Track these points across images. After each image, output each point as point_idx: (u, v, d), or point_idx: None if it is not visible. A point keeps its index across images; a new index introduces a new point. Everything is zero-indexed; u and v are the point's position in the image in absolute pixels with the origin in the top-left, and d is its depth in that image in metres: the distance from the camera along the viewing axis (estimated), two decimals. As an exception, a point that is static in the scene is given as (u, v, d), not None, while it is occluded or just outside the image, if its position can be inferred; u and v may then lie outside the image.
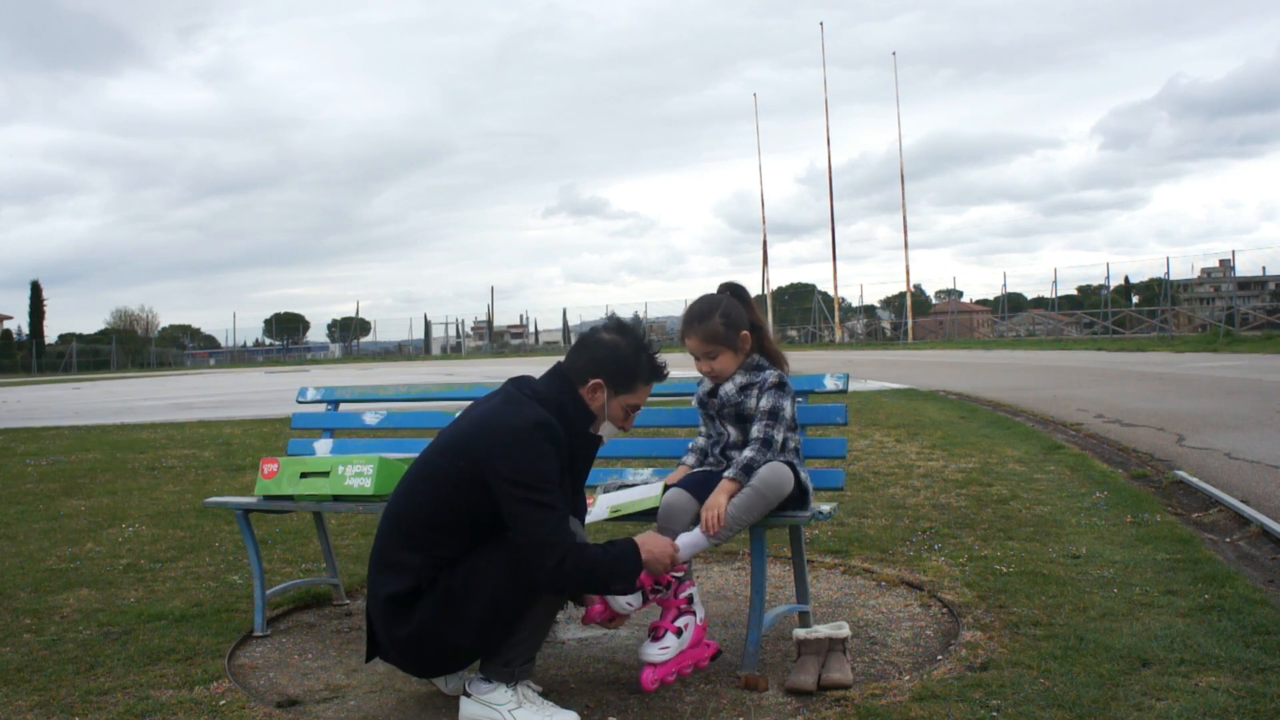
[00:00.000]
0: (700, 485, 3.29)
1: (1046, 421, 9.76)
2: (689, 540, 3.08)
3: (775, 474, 3.16)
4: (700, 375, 3.51)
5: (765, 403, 3.30)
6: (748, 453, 3.22)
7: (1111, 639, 3.26)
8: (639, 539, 2.87)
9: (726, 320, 3.33)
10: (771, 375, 3.35)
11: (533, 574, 2.69)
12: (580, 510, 3.09)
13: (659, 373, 3.02)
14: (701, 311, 3.36)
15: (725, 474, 3.21)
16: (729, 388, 3.36)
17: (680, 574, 3.06)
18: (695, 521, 3.23)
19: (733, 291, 3.46)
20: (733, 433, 3.38)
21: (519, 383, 2.94)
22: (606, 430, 3.03)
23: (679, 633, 3.05)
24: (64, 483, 7.87)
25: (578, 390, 2.93)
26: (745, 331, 3.36)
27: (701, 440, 3.51)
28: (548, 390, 2.91)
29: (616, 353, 2.94)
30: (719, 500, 3.13)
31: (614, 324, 3.03)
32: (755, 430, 3.27)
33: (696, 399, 3.49)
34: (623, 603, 2.97)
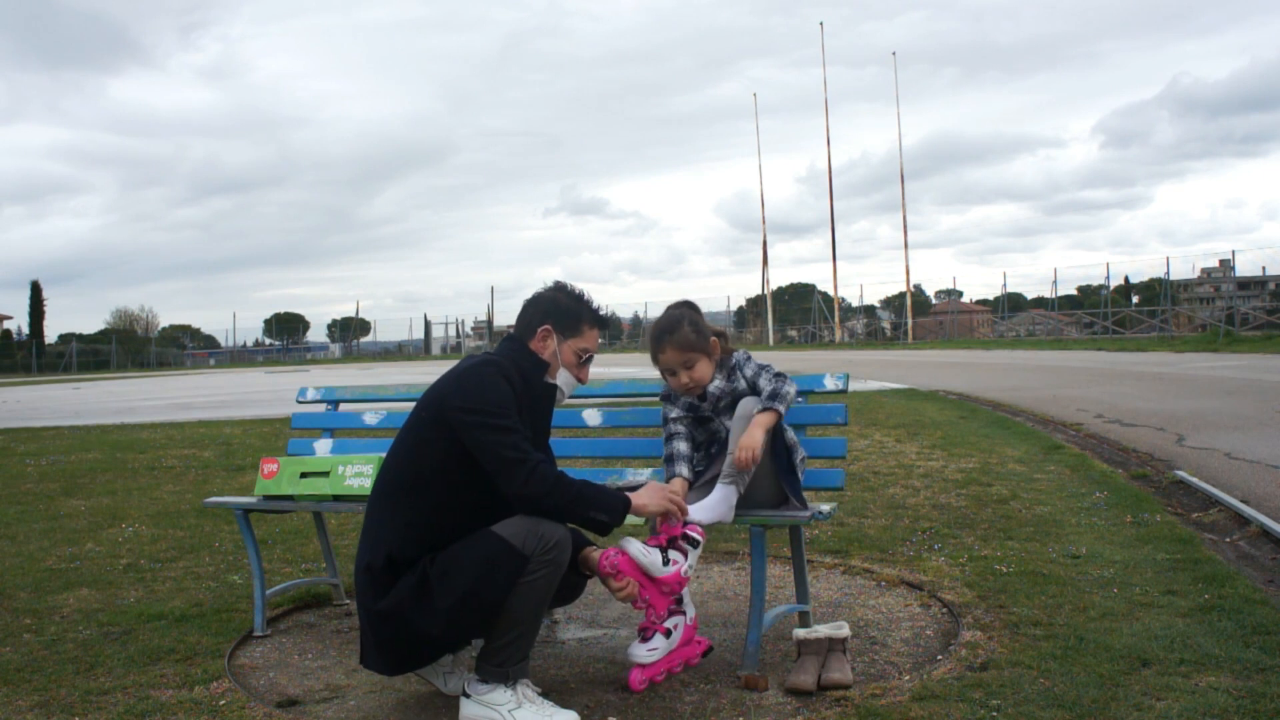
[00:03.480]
0: (699, 485, 3.31)
1: (1046, 421, 9.77)
2: (709, 508, 3.10)
3: (709, 510, 3.16)
4: (664, 392, 3.51)
5: (751, 370, 3.40)
6: (768, 384, 3.30)
7: (1111, 639, 3.26)
8: (633, 493, 2.96)
9: (695, 328, 3.37)
10: (741, 355, 3.44)
11: (510, 497, 2.80)
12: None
13: (600, 319, 3.18)
14: (668, 325, 3.38)
15: (758, 409, 3.22)
16: (717, 383, 3.39)
17: (681, 571, 3.02)
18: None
19: (687, 307, 3.50)
20: (728, 427, 3.37)
21: (474, 354, 3.13)
22: (564, 380, 3.13)
23: (668, 633, 3.06)
24: (64, 483, 7.87)
25: (528, 344, 3.09)
26: (714, 337, 3.41)
27: (684, 447, 3.44)
28: (501, 351, 3.08)
29: (558, 301, 3.13)
30: (756, 435, 3.16)
31: (553, 284, 3.22)
32: (764, 380, 3.33)
33: (684, 406, 3.44)
34: (643, 652, 3.00)
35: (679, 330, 3.35)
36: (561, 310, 3.12)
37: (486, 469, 2.83)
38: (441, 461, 2.86)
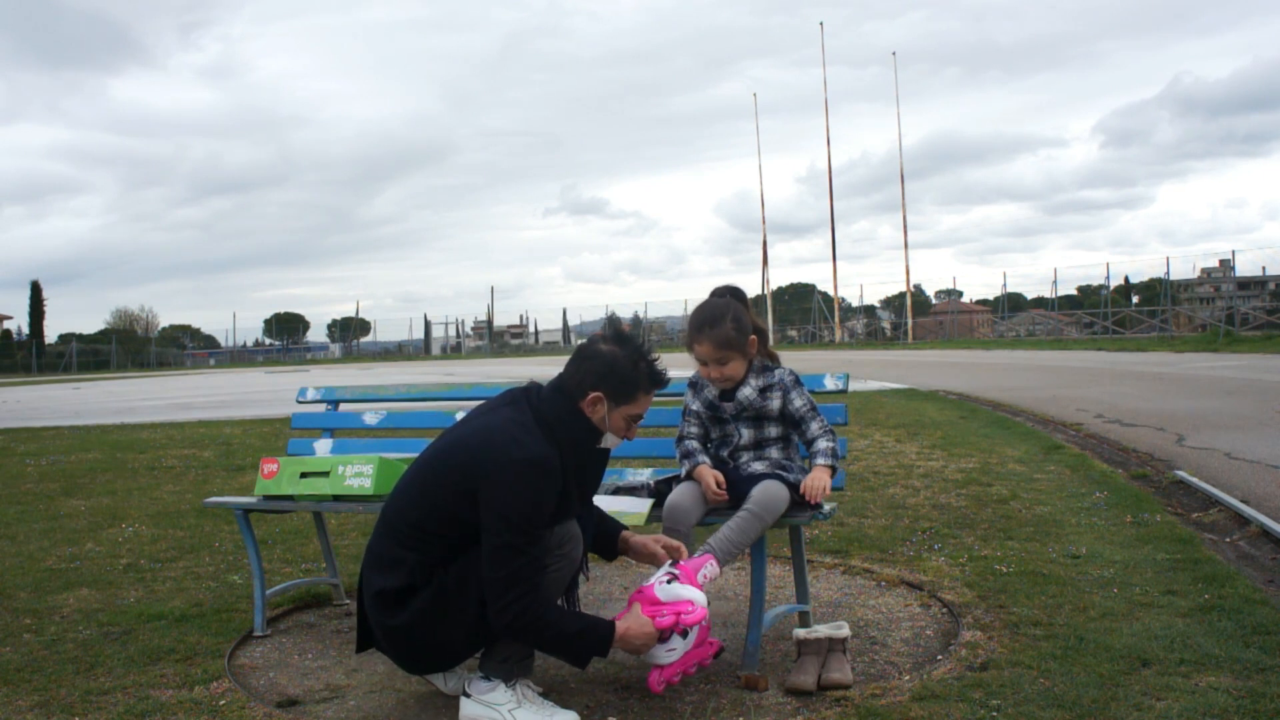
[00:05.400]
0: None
1: (1046, 421, 9.76)
2: (701, 585, 2.98)
3: (771, 495, 3.18)
4: (693, 378, 3.52)
5: (801, 401, 3.38)
6: (826, 443, 3.33)
7: (1111, 639, 3.26)
8: (624, 624, 2.78)
9: (738, 326, 3.33)
10: (786, 374, 3.41)
11: (490, 609, 2.70)
12: (586, 520, 3.03)
13: (660, 381, 2.94)
14: (713, 317, 3.33)
15: (819, 462, 3.30)
16: (748, 391, 3.37)
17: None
18: (699, 520, 3.25)
19: (734, 295, 3.46)
20: (746, 435, 3.39)
21: (530, 396, 2.90)
22: (609, 441, 2.97)
23: (685, 634, 3.03)
24: (64, 483, 7.87)
25: (579, 406, 2.86)
26: (753, 336, 3.37)
27: (697, 444, 3.46)
28: (553, 411, 2.85)
29: (614, 364, 2.86)
30: (826, 480, 3.25)
31: (612, 334, 2.95)
32: (814, 428, 3.37)
33: (704, 402, 3.46)
34: (662, 653, 2.88)
35: (721, 325, 3.31)
36: (617, 375, 2.86)
37: (483, 563, 2.70)
38: (463, 523, 2.76)
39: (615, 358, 2.88)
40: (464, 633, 2.79)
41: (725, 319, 3.32)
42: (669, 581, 2.89)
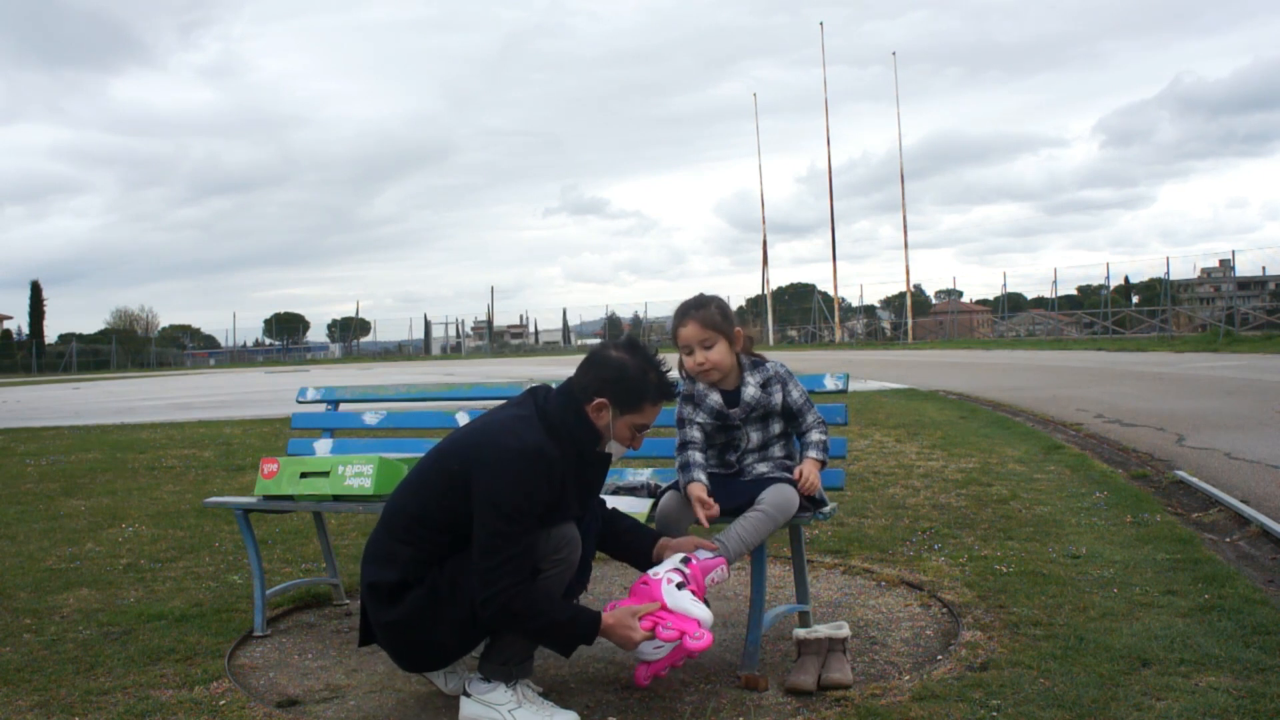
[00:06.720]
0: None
1: (1046, 421, 9.77)
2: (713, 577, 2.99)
3: (784, 497, 3.16)
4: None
5: (798, 393, 3.39)
6: (818, 435, 3.34)
7: (1111, 639, 3.26)
8: (610, 616, 2.76)
9: (722, 311, 3.35)
10: (778, 366, 3.41)
11: (477, 598, 2.69)
12: (587, 521, 3.02)
13: (669, 393, 2.95)
14: (699, 301, 3.37)
15: (809, 455, 3.29)
16: (752, 390, 3.33)
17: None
18: (690, 527, 3.25)
19: (717, 297, 3.49)
20: (754, 438, 3.35)
21: (536, 396, 2.92)
22: (614, 448, 2.97)
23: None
24: (64, 483, 7.87)
25: (584, 409, 2.87)
26: (739, 328, 3.38)
27: (699, 457, 3.32)
28: (558, 410, 2.86)
29: (623, 372, 2.87)
30: (814, 472, 3.24)
31: (625, 342, 2.97)
32: (810, 419, 3.37)
33: (709, 412, 3.33)
34: (649, 649, 2.85)
35: (707, 308, 3.33)
36: (625, 384, 2.86)
37: (473, 552, 2.70)
38: (459, 516, 2.76)
39: (625, 365, 2.88)
40: (456, 633, 2.79)
41: (710, 304, 3.36)
42: (679, 585, 2.86)
